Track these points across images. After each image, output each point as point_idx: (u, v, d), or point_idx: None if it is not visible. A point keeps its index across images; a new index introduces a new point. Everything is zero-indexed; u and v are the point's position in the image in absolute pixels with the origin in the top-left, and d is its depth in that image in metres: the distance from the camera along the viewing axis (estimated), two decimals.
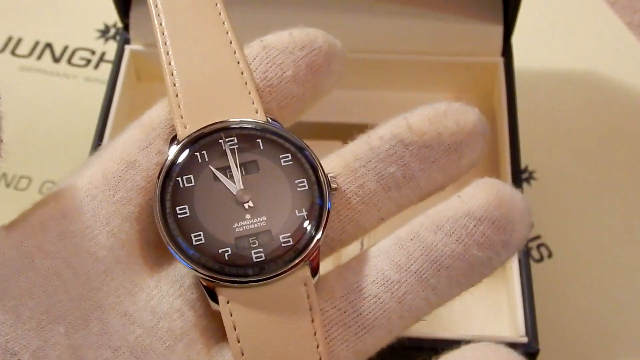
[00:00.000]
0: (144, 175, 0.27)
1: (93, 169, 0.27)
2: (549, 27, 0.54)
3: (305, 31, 0.29)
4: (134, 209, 0.26)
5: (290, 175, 0.26)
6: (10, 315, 0.24)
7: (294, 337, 0.24)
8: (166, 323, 0.25)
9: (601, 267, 0.44)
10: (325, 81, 0.29)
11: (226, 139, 0.26)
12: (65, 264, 0.25)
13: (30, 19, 0.55)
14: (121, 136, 0.28)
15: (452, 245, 0.26)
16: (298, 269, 0.25)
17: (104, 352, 0.24)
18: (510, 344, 0.35)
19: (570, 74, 0.52)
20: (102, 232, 0.26)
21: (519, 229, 0.26)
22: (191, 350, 0.25)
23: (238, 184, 0.26)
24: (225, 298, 0.25)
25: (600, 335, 0.42)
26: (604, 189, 0.47)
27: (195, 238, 0.25)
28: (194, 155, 0.26)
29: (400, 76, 0.47)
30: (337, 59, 0.29)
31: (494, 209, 0.26)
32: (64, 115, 0.50)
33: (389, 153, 0.27)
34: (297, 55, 0.28)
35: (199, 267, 0.25)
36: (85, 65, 0.52)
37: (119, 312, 0.25)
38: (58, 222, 0.26)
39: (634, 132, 0.49)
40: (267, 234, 0.25)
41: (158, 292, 0.26)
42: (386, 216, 0.28)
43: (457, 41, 0.45)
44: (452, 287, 0.26)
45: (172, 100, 0.27)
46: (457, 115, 0.28)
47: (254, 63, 0.28)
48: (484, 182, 0.27)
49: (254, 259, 0.25)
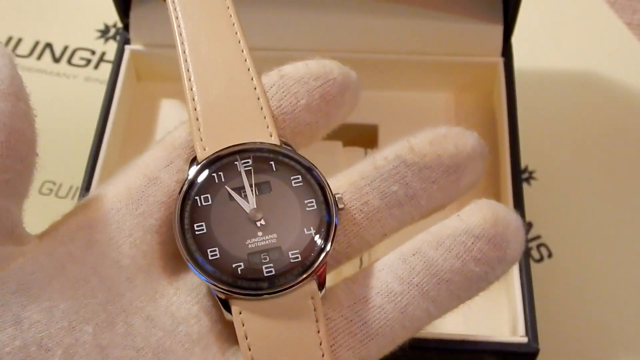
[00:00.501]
0: (165, 191, 0.29)
1: (118, 184, 0.29)
2: (549, 27, 0.54)
3: (322, 62, 0.30)
4: (155, 222, 0.28)
5: (300, 196, 0.28)
6: (44, 315, 0.26)
7: (301, 347, 0.26)
8: (185, 327, 0.27)
9: (601, 267, 0.44)
10: (339, 111, 0.31)
11: (241, 161, 0.28)
12: (93, 271, 0.27)
13: (30, 19, 0.55)
14: (145, 154, 0.30)
15: (452, 261, 0.28)
16: (306, 283, 0.27)
17: (128, 352, 0.26)
18: (511, 344, 0.35)
19: (570, 74, 0.52)
20: (126, 242, 0.28)
21: (513, 246, 0.28)
22: (207, 352, 0.27)
23: (252, 203, 0.27)
24: (238, 309, 0.26)
25: (600, 335, 0.42)
26: (604, 188, 0.47)
27: (211, 253, 0.27)
28: (212, 175, 0.28)
29: (400, 76, 0.47)
30: (351, 90, 0.31)
31: (490, 228, 0.28)
32: (64, 115, 0.50)
33: (392, 173, 0.29)
34: (311, 85, 0.30)
35: (214, 280, 0.26)
36: (85, 65, 0.52)
37: (141, 316, 0.27)
38: (86, 232, 0.28)
39: (634, 132, 0.49)
40: (278, 251, 0.27)
41: (177, 299, 0.28)
42: (389, 232, 0.30)
43: (457, 41, 0.45)
44: (451, 299, 0.28)
45: (192, 124, 0.29)
46: (457, 139, 0.30)
47: (271, 91, 0.30)
48: (481, 202, 0.29)
49: (265, 274, 0.26)
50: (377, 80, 0.47)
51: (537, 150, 0.48)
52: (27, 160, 0.28)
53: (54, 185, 0.47)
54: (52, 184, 0.47)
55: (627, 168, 0.47)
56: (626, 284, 0.43)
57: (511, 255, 0.28)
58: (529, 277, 0.37)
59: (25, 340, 0.25)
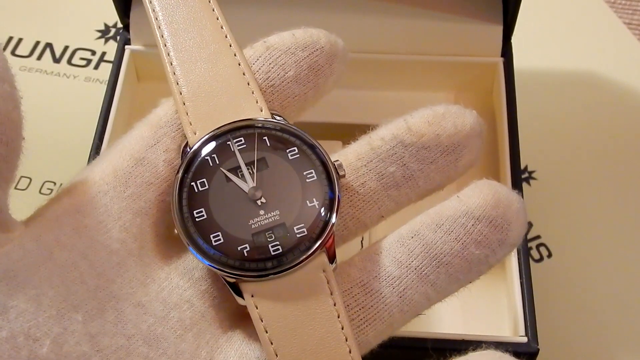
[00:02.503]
0: (153, 171, 0.28)
1: (103, 166, 0.28)
2: (549, 27, 0.54)
3: (308, 32, 0.30)
4: (144, 204, 0.28)
5: (298, 168, 0.27)
6: (32, 304, 0.25)
7: (319, 321, 0.26)
8: (176, 313, 0.27)
9: (601, 267, 0.44)
10: (327, 81, 0.30)
11: (234, 140, 0.27)
12: (82, 256, 0.26)
13: (30, 19, 0.55)
14: (130, 134, 0.29)
15: (451, 243, 0.27)
16: (315, 257, 0.26)
17: (119, 339, 0.26)
18: (510, 344, 0.35)
19: (570, 74, 0.52)
20: (115, 226, 0.27)
21: (515, 228, 0.28)
22: (200, 339, 0.27)
23: (249, 182, 0.27)
24: (250, 292, 0.26)
25: (600, 335, 0.42)
26: (603, 189, 0.47)
27: (215, 238, 0.26)
28: (205, 159, 0.27)
29: (400, 76, 0.47)
30: (339, 59, 0.30)
31: (491, 209, 0.27)
32: (64, 115, 0.50)
33: (389, 153, 0.29)
34: (299, 56, 0.29)
35: (221, 265, 0.26)
36: (85, 65, 0.52)
37: (132, 303, 0.26)
38: (73, 216, 0.27)
39: (634, 132, 0.49)
40: (282, 227, 0.26)
41: (169, 284, 0.27)
42: (386, 214, 0.29)
43: (457, 41, 0.45)
44: (450, 283, 0.27)
45: (180, 108, 0.28)
46: (455, 118, 0.29)
47: (257, 63, 0.29)
48: (481, 183, 0.28)
49: (272, 252, 0.26)
50: (377, 80, 0.47)
51: (537, 150, 0.48)
52: (13, 144, 0.26)
53: (54, 185, 0.47)
54: (52, 184, 0.47)
55: (627, 168, 0.47)
56: (626, 284, 0.43)
57: (512, 237, 0.28)
58: (528, 277, 0.37)
59: (13, 330, 0.24)
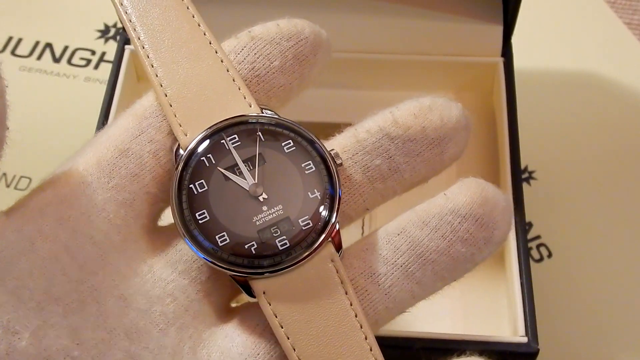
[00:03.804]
0: (137, 162, 0.28)
1: (87, 156, 0.28)
2: (549, 27, 0.54)
3: (293, 22, 0.30)
4: (129, 196, 0.27)
5: (296, 160, 0.27)
6: (11, 296, 0.25)
7: (333, 312, 0.26)
8: (159, 307, 0.27)
9: (601, 267, 0.44)
10: (312, 71, 0.30)
11: (228, 138, 0.27)
12: (64, 248, 0.26)
13: (30, 19, 0.55)
14: (114, 124, 0.29)
15: (437, 241, 0.27)
16: (322, 248, 0.26)
17: (100, 333, 0.25)
18: (510, 344, 0.35)
19: (570, 74, 0.52)
20: (98, 217, 0.27)
21: (501, 227, 0.28)
22: (183, 333, 0.26)
23: (249, 179, 0.27)
24: (261, 289, 0.26)
25: (600, 335, 0.42)
26: (603, 188, 0.47)
27: (220, 239, 0.26)
28: (201, 160, 0.27)
29: (400, 76, 0.47)
30: (323, 49, 0.30)
31: (478, 207, 0.27)
32: (64, 115, 0.50)
33: (375, 146, 0.29)
34: (284, 46, 0.29)
35: (229, 265, 0.26)
36: (85, 65, 0.52)
37: (114, 295, 0.26)
38: (56, 207, 0.27)
39: (634, 132, 0.49)
40: (287, 221, 0.26)
41: (152, 277, 0.27)
42: (371, 206, 0.29)
43: (457, 41, 0.45)
44: (436, 280, 0.27)
45: (167, 111, 0.28)
46: (441, 111, 0.29)
47: (242, 53, 0.29)
48: (468, 181, 0.28)
49: (280, 247, 0.26)
50: (377, 80, 0.47)
51: (537, 150, 0.48)
52: None
53: None
54: None
55: (627, 168, 0.47)
56: (626, 284, 0.43)
57: (499, 235, 0.28)
58: (528, 277, 0.37)
59: None
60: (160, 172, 0.28)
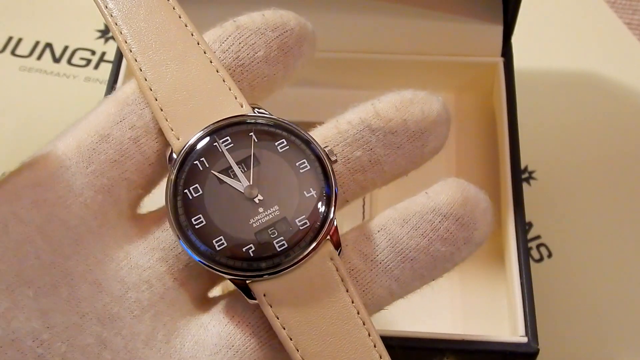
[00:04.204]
0: (117, 148, 0.27)
1: (67, 141, 0.28)
2: (549, 27, 0.54)
3: (278, 13, 0.29)
4: (107, 182, 0.27)
5: (290, 160, 0.27)
6: None
7: (335, 311, 0.26)
8: (134, 293, 0.26)
9: (601, 267, 0.44)
10: (296, 62, 0.30)
11: (220, 140, 0.27)
12: (38, 231, 0.26)
13: (30, 19, 0.55)
14: (96, 110, 0.28)
15: (417, 239, 0.27)
16: (321, 247, 0.26)
17: (72, 317, 0.25)
18: (510, 344, 0.35)
19: (570, 74, 0.52)
20: (75, 202, 0.27)
21: (481, 227, 0.28)
22: (158, 321, 0.26)
23: (243, 181, 0.26)
24: (261, 292, 0.26)
25: (600, 335, 0.42)
26: (603, 188, 0.47)
27: (218, 243, 0.26)
28: (195, 164, 0.27)
29: (400, 76, 0.47)
30: (308, 41, 0.30)
31: (459, 207, 0.27)
32: (64, 115, 0.50)
33: (356, 137, 0.29)
34: (269, 37, 0.29)
35: (228, 269, 0.26)
36: (85, 65, 0.52)
37: (88, 280, 0.26)
38: (32, 190, 0.26)
39: (633, 132, 0.49)
40: (284, 222, 0.26)
41: (127, 263, 0.27)
42: (351, 198, 0.29)
43: (457, 41, 0.45)
44: (414, 279, 0.27)
45: (158, 115, 0.27)
46: (423, 104, 0.29)
47: (227, 42, 0.29)
48: (450, 181, 0.28)
49: (278, 249, 0.26)
50: (377, 80, 0.47)
51: (537, 150, 0.48)
52: None
53: None
54: None
55: (627, 168, 0.47)
56: (626, 284, 0.43)
57: (478, 236, 0.28)
58: (528, 277, 0.37)
59: None
60: (140, 158, 0.28)
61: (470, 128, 0.47)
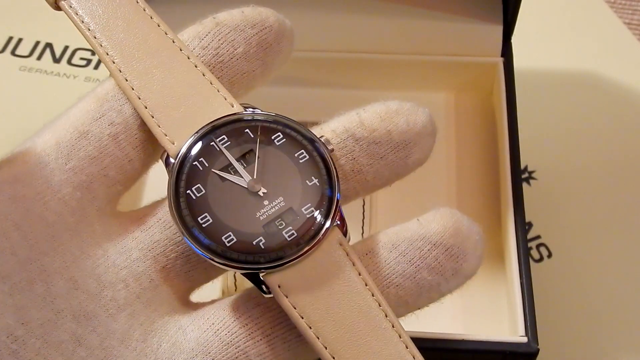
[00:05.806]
0: (97, 145, 0.28)
1: (47, 137, 0.28)
2: (549, 27, 0.54)
3: (257, 10, 0.30)
4: (86, 178, 0.27)
5: (288, 151, 0.27)
6: None
7: (350, 294, 0.26)
8: (110, 292, 0.26)
9: (601, 267, 0.44)
10: (275, 59, 0.30)
11: (217, 139, 0.27)
12: (15, 226, 0.26)
13: (30, 19, 0.55)
14: (75, 106, 0.29)
15: (404, 265, 0.27)
16: (330, 232, 0.26)
17: (46, 314, 0.25)
18: (510, 344, 0.35)
19: (570, 74, 0.52)
20: (53, 198, 0.27)
21: (471, 259, 0.28)
22: (134, 320, 0.26)
23: (245, 176, 0.27)
24: (275, 283, 0.26)
25: (600, 335, 0.42)
26: (603, 188, 0.47)
27: (227, 240, 0.26)
28: (194, 165, 0.27)
29: (400, 76, 0.47)
30: (286, 38, 0.30)
31: (450, 237, 0.27)
32: None
33: (339, 146, 0.29)
34: (248, 33, 0.29)
35: (240, 264, 0.26)
36: (85, 65, 0.52)
37: (64, 277, 0.26)
38: (10, 185, 0.26)
39: (634, 132, 0.49)
40: (291, 212, 0.26)
41: (105, 262, 0.27)
42: None
43: (457, 41, 0.45)
44: (398, 305, 0.27)
45: (149, 122, 0.28)
46: (408, 115, 0.29)
47: (207, 39, 0.29)
48: (444, 210, 0.28)
49: (288, 239, 0.26)
50: (377, 80, 0.47)
51: (537, 150, 0.48)
52: None
53: None
54: None
55: (627, 168, 0.47)
56: (626, 284, 0.43)
57: (467, 268, 0.28)
58: (528, 277, 0.37)
59: None
60: (119, 155, 0.28)
61: (470, 128, 0.47)
